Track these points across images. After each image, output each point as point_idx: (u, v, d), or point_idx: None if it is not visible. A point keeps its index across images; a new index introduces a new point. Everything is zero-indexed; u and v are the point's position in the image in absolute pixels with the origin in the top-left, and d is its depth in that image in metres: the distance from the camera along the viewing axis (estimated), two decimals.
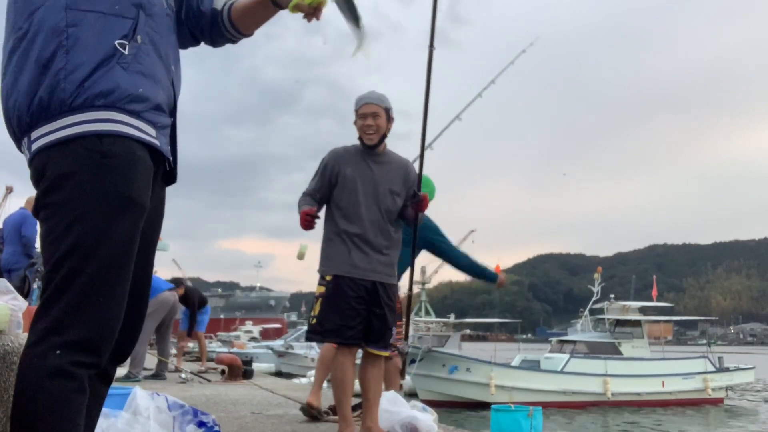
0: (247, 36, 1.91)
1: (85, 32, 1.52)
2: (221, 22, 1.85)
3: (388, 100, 3.45)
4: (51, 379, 1.38)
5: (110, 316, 1.47)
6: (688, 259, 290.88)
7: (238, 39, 1.91)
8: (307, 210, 3.29)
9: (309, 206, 3.34)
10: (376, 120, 3.36)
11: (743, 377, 21.69)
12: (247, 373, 7.85)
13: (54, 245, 1.46)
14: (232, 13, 1.84)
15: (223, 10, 1.84)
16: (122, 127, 1.52)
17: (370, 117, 3.36)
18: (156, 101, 1.60)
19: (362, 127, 3.38)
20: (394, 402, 3.61)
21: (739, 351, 57.86)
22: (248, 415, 4.46)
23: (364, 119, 3.37)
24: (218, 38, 1.90)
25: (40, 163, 1.50)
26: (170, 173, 1.72)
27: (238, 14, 1.84)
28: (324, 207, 3.45)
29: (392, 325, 3.40)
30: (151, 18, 1.64)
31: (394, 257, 3.46)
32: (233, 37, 1.89)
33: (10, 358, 2.18)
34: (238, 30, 1.87)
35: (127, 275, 1.52)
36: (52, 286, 1.44)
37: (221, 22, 1.85)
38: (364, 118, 3.37)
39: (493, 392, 17.51)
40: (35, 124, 1.50)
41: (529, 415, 3.56)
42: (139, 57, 1.57)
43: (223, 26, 1.85)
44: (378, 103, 3.39)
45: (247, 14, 1.84)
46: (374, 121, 3.36)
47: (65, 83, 1.48)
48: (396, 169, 3.47)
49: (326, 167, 3.41)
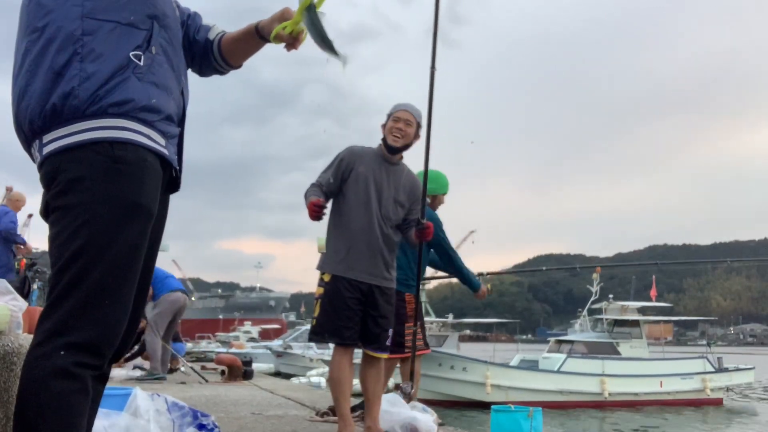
0: (235, 68, 1.98)
1: (100, 41, 1.54)
2: (212, 52, 1.91)
3: (421, 116, 3.56)
4: (54, 380, 1.39)
5: (115, 319, 1.49)
6: (688, 259, 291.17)
7: (226, 71, 1.98)
8: (315, 201, 3.29)
9: (317, 197, 3.34)
10: (407, 127, 3.46)
11: (743, 378, 21.64)
12: (247, 373, 7.85)
13: (62, 247, 1.47)
14: (222, 45, 1.91)
15: (215, 41, 1.90)
16: (134, 136, 1.54)
17: (402, 122, 3.46)
18: (167, 112, 1.63)
19: (392, 128, 3.45)
20: (394, 402, 3.62)
21: (739, 351, 57.89)
22: (248, 415, 4.46)
23: (396, 122, 3.46)
24: (207, 68, 1.96)
25: (51, 167, 1.52)
26: (174, 181, 1.75)
27: (227, 46, 1.91)
28: (331, 201, 3.46)
29: (389, 327, 3.41)
30: (165, 30, 1.67)
31: (393, 261, 3.47)
32: (222, 68, 1.96)
33: (9, 358, 2.18)
34: (226, 61, 1.94)
35: (133, 280, 1.54)
36: (59, 287, 1.45)
37: (212, 53, 1.91)
38: (397, 121, 3.46)
39: (489, 392, 17.51)
40: (47, 128, 1.52)
41: (529, 416, 3.56)
42: (153, 68, 1.60)
43: (213, 57, 1.92)
44: (414, 114, 3.51)
45: (237, 46, 1.91)
46: (405, 127, 3.45)
47: (79, 91, 1.50)
48: (405, 181, 3.52)
49: (342, 161, 3.44)
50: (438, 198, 4.84)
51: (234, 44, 1.91)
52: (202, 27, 1.92)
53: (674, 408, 18.82)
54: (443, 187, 4.86)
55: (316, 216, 3.29)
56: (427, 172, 3.81)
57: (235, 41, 1.90)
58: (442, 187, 4.84)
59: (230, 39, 1.90)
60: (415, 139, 3.53)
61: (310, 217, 3.29)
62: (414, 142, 3.53)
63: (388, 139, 3.46)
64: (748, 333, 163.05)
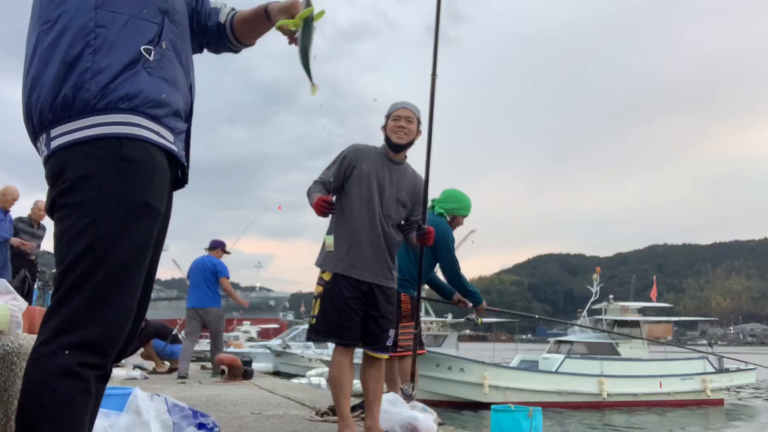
0: (248, 46, 2.01)
1: (113, 34, 1.53)
2: (225, 34, 1.93)
3: (420, 112, 3.56)
4: (58, 379, 1.39)
5: (120, 318, 1.49)
6: (688, 259, 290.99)
7: (239, 49, 2.01)
8: (324, 197, 3.29)
9: (322, 194, 3.33)
10: (408, 124, 3.46)
11: (744, 378, 21.53)
12: (246, 373, 7.85)
13: (68, 246, 1.47)
14: (234, 25, 1.93)
15: (226, 23, 1.92)
16: (143, 132, 1.54)
17: (404, 120, 3.46)
18: (176, 107, 1.63)
19: (394, 127, 3.45)
20: (394, 402, 3.61)
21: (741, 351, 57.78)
22: (248, 415, 4.46)
23: (398, 120, 3.46)
24: (222, 48, 2.00)
25: (58, 163, 1.51)
26: (181, 177, 1.75)
27: (239, 26, 1.93)
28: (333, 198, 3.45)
29: (390, 328, 3.40)
30: (174, 24, 1.67)
31: (394, 261, 3.46)
32: (236, 47, 1.99)
33: (9, 358, 2.17)
34: (239, 41, 1.96)
35: (139, 279, 1.54)
36: (64, 286, 1.45)
37: (225, 35, 1.94)
38: (398, 119, 3.46)
39: (486, 392, 17.51)
40: (56, 122, 1.51)
41: (529, 416, 3.56)
42: (162, 63, 1.60)
43: (227, 38, 1.94)
44: (413, 110, 3.51)
45: (248, 26, 1.93)
46: (407, 124, 3.46)
47: (90, 84, 1.49)
48: (408, 180, 3.52)
49: (345, 158, 3.44)
50: (457, 219, 4.83)
51: (245, 25, 1.93)
52: (212, 11, 1.93)
53: (673, 409, 18.80)
54: (465, 209, 4.84)
55: (324, 212, 3.28)
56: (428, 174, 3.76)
57: (246, 22, 1.92)
58: (463, 209, 4.83)
59: (241, 20, 1.92)
60: (418, 135, 3.53)
61: (317, 213, 3.28)
62: (417, 138, 3.53)
63: (392, 138, 3.46)
64: (748, 333, 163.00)
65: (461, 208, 4.80)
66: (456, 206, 4.76)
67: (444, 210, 4.75)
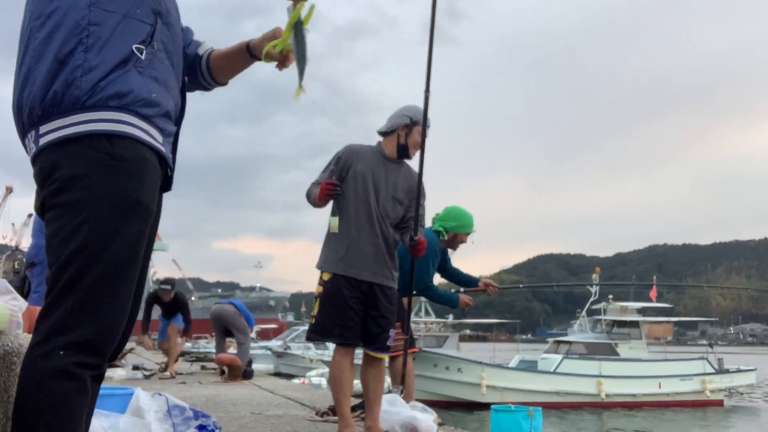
0: (221, 85, 1.98)
1: (106, 32, 1.53)
2: (199, 67, 1.90)
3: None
4: (53, 380, 1.38)
5: (115, 318, 1.48)
6: (688, 259, 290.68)
7: (211, 87, 1.97)
8: (329, 180, 3.36)
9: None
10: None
11: (744, 379, 21.50)
12: (247, 373, 7.86)
13: (61, 246, 1.46)
14: (211, 61, 1.90)
15: (203, 56, 1.90)
16: (133, 130, 1.53)
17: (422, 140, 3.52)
18: (166, 108, 1.62)
19: (417, 143, 3.50)
20: (394, 402, 3.61)
21: (741, 351, 57.78)
22: (248, 415, 4.47)
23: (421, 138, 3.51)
24: (192, 84, 1.94)
25: (47, 162, 1.50)
26: (167, 180, 1.74)
27: (216, 62, 1.90)
28: (331, 201, 3.47)
29: (389, 328, 3.41)
30: (167, 27, 1.67)
31: (394, 260, 3.46)
32: (208, 84, 1.96)
33: (9, 358, 2.17)
34: (213, 78, 1.93)
35: (132, 278, 1.53)
36: (58, 286, 1.44)
37: (199, 68, 1.90)
38: (421, 138, 3.51)
39: (484, 392, 17.51)
40: (45, 118, 1.50)
41: (529, 415, 3.56)
42: (154, 63, 1.59)
43: (200, 72, 1.91)
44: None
45: (226, 62, 1.91)
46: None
47: (81, 81, 1.49)
48: (404, 178, 3.53)
49: (339, 159, 3.46)
50: (459, 236, 4.69)
51: (223, 61, 1.90)
52: (193, 42, 1.91)
53: (672, 409, 18.79)
54: (466, 227, 4.70)
55: (331, 194, 3.35)
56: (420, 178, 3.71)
57: (224, 58, 1.90)
58: (464, 227, 4.70)
59: (219, 56, 1.90)
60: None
61: (321, 197, 3.34)
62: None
63: (410, 151, 3.51)
64: (748, 333, 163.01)
65: (462, 225, 4.69)
66: (456, 224, 4.66)
67: (443, 228, 4.64)
